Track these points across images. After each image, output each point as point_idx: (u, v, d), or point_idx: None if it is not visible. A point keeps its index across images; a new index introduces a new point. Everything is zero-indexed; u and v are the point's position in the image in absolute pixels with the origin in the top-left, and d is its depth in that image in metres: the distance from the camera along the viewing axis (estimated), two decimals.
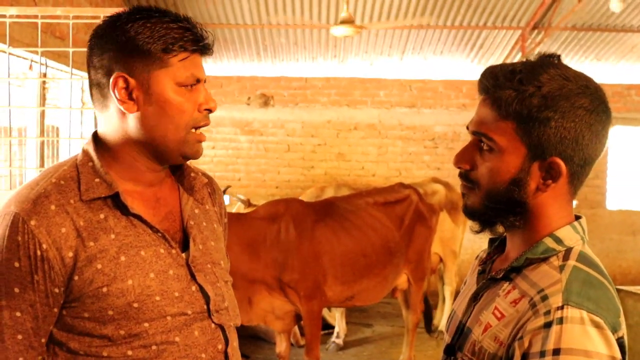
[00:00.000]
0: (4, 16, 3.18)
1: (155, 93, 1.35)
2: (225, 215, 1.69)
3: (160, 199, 1.46)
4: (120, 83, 1.34)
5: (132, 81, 1.34)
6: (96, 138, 1.43)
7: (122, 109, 1.35)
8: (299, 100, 9.12)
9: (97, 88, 1.40)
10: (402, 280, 5.14)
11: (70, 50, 3.18)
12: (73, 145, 3.96)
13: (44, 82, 5.06)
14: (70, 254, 1.30)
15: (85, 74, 4.57)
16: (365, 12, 7.53)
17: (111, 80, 1.34)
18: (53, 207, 1.31)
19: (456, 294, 6.71)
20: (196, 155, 1.42)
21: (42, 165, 4.59)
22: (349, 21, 6.36)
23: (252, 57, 8.64)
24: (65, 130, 5.84)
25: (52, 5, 5.24)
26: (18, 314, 1.28)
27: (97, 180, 1.36)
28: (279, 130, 9.11)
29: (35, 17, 3.20)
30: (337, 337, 6.19)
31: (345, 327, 6.31)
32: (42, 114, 5.06)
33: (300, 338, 6.06)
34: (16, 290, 1.28)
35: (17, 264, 1.27)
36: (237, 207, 5.81)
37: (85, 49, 4.18)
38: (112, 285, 1.32)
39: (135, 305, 1.33)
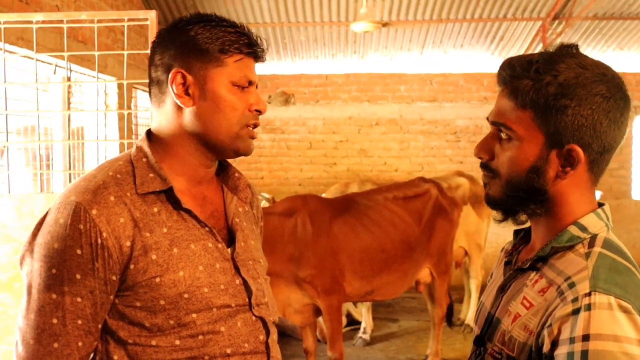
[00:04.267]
0: (30, 22, 3.23)
1: (210, 90, 1.43)
2: (261, 219, 1.76)
3: (207, 197, 1.53)
4: (179, 78, 1.42)
5: (189, 77, 1.42)
6: (149, 135, 1.51)
7: (179, 103, 1.43)
8: (319, 98, 9.13)
9: (156, 85, 1.48)
10: (424, 274, 5.13)
11: (96, 53, 3.23)
12: (100, 146, 4.01)
13: (69, 86, 5.13)
14: (128, 243, 1.35)
15: (108, 77, 4.66)
16: (384, 7, 7.53)
17: (170, 76, 1.42)
18: (112, 197, 1.36)
19: (482, 287, 6.70)
20: (248, 150, 1.50)
21: (69, 167, 4.65)
22: (369, 17, 6.36)
23: (271, 55, 8.68)
24: (90, 131, 5.92)
25: (74, 10, 5.31)
26: (79, 299, 1.33)
27: (151, 175, 1.43)
28: (300, 127, 9.13)
29: (61, 22, 3.25)
30: (364, 332, 6.20)
31: (371, 323, 6.32)
32: (68, 117, 5.13)
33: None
34: (78, 276, 1.32)
35: (79, 251, 1.32)
36: (262, 205, 5.84)
37: (108, 52, 4.24)
38: (165, 276, 1.37)
39: (186, 295, 1.38)
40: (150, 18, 3.15)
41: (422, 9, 7.61)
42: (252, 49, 1.46)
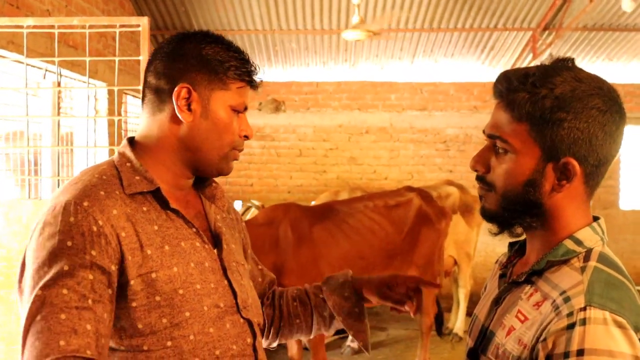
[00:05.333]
0: (21, 27, 3.21)
1: (212, 110, 1.48)
2: (240, 220, 1.79)
3: (189, 201, 1.56)
4: (184, 93, 1.45)
5: (194, 94, 1.46)
6: (131, 142, 1.53)
7: (180, 117, 1.46)
8: (310, 105, 9.14)
9: (154, 92, 1.49)
10: None
11: (87, 59, 3.21)
12: (89, 152, 4.00)
13: (59, 91, 5.11)
14: (123, 234, 1.35)
15: (99, 82, 4.60)
16: (376, 16, 7.55)
17: (175, 89, 1.44)
18: (102, 192, 1.37)
19: (471, 296, 6.71)
20: (229, 172, 1.56)
21: (58, 173, 4.62)
22: (361, 25, 6.38)
23: (262, 62, 8.68)
24: (79, 137, 5.89)
25: (65, 15, 5.29)
26: (64, 291, 1.26)
27: (137, 177, 1.44)
28: (290, 135, 9.13)
29: (52, 27, 3.24)
30: (352, 341, 6.19)
31: None
32: (58, 122, 5.11)
33: None
34: (65, 268, 1.27)
35: (69, 243, 1.29)
36: (252, 213, 5.83)
37: (99, 58, 4.20)
38: (160, 272, 1.37)
39: (181, 291, 1.39)
40: (142, 24, 3.14)
41: (414, 18, 7.64)
42: (252, 78, 1.52)
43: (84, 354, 1.24)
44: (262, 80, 1.57)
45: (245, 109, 1.54)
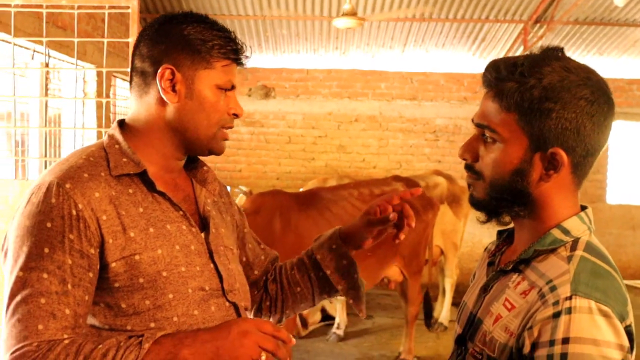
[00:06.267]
0: (8, 6, 3.18)
1: (197, 90, 1.47)
2: (234, 203, 1.79)
3: (178, 184, 1.56)
4: (167, 74, 1.45)
5: (178, 75, 1.45)
6: (122, 125, 1.53)
7: (165, 98, 1.46)
8: (300, 92, 9.11)
9: (140, 75, 1.49)
10: (393, 272, 5.15)
11: (76, 40, 3.18)
12: (77, 134, 3.97)
13: (47, 72, 5.06)
14: (104, 217, 1.35)
15: (87, 64, 4.55)
16: (367, 4, 7.53)
17: (159, 70, 1.44)
18: (86, 175, 1.37)
19: (456, 286, 6.75)
20: (221, 151, 1.55)
21: (45, 154, 4.59)
22: (351, 13, 6.35)
23: (253, 48, 8.64)
24: (67, 118, 5.85)
25: None
26: (45, 275, 1.28)
27: (124, 159, 1.44)
28: (280, 121, 9.11)
29: (40, 7, 3.20)
30: (338, 328, 6.21)
31: (345, 319, 6.33)
32: (45, 103, 5.06)
33: (301, 329, 6.09)
34: (46, 250, 1.29)
35: (49, 224, 1.30)
36: (239, 199, 5.82)
37: (87, 40, 4.15)
38: (144, 254, 1.38)
39: (164, 274, 1.39)
40: (132, 6, 3.11)
41: (406, 7, 7.62)
42: (238, 56, 1.51)
43: (61, 338, 1.28)
44: (248, 57, 1.55)
45: (233, 87, 1.52)
